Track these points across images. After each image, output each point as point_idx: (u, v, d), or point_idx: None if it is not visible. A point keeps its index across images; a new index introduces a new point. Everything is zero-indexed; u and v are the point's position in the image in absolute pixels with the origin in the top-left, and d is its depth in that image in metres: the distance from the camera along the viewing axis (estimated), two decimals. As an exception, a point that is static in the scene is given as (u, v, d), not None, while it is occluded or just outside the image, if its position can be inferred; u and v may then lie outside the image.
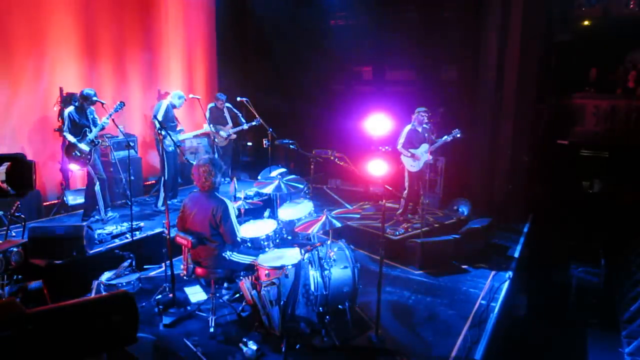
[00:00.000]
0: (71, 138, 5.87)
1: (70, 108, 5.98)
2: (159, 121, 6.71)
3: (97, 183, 6.14)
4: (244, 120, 8.18)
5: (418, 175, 6.99)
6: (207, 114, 7.95)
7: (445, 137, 6.81)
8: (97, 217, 6.30)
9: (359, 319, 4.64)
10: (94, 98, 5.90)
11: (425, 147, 6.87)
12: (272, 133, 6.68)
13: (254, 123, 7.59)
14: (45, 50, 6.75)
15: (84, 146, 5.89)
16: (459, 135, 6.77)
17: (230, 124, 8.32)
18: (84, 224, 5.36)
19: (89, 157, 5.97)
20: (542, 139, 9.52)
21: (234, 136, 8.44)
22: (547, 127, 9.81)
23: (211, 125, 7.78)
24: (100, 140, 6.15)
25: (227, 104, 8.36)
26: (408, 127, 6.89)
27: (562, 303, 6.50)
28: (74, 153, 5.90)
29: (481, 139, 8.59)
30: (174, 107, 6.98)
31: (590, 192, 10.06)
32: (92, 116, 6.02)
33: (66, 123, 5.89)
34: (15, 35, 6.39)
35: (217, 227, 4.26)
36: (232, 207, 4.33)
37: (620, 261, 6.87)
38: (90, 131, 5.94)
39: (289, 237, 5.17)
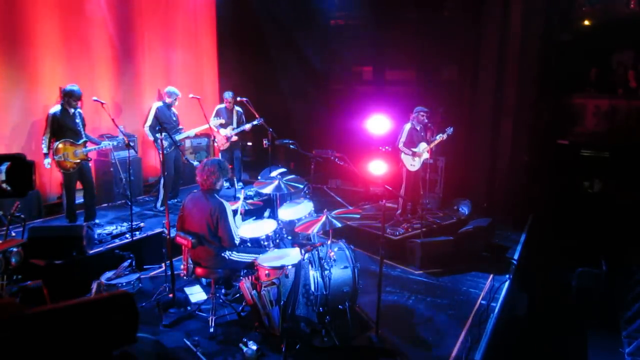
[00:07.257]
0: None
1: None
2: (149, 128, 6.77)
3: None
4: (244, 119, 7.93)
5: (415, 175, 7.00)
6: (214, 114, 7.79)
7: (440, 134, 6.84)
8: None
9: (359, 319, 4.64)
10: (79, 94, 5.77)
11: (424, 145, 6.88)
12: (272, 133, 6.67)
13: (255, 122, 7.41)
14: (45, 50, 6.74)
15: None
16: (451, 132, 6.84)
17: (233, 126, 7.90)
18: (84, 223, 5.36)
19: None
20: (542, 139, 9.50)
21: (235, 138, 7.94)
22: (547, 127, 9.78)
23: (214, 119, 7.50)
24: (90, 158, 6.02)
25: (237, 107, 7.96)
26: (408, 126, 6.89)
27: (562, 303, 6.49)
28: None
29: (481, 139, 8.59)
30: (169, 106, 6.94)
31: (591, 192, 10.04)
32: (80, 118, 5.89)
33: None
34: (15, 34, 6.39)
35: (215, 229, 4.26)
36: (230, 209, 4.33)
37: (620, 261, 6.85)
38: (80, 135, 5.83)
39: (289, 237, 5.17)
